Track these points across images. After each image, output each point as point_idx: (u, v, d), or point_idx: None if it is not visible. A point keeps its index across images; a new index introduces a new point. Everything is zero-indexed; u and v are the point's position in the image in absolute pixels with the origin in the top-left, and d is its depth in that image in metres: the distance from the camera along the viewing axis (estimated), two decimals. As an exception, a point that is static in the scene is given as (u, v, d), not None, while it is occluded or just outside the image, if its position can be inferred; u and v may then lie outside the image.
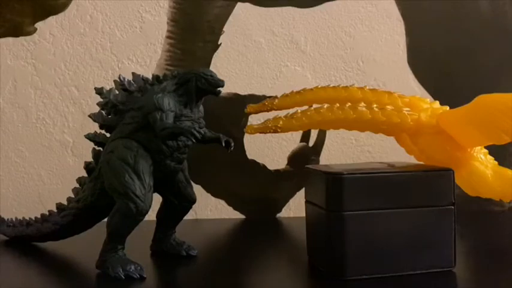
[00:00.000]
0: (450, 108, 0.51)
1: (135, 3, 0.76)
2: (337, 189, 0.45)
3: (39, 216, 0.58)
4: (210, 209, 0.77)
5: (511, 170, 0.52)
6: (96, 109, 0.52)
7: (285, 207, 0.78)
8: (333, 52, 0.78)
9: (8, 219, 0.62)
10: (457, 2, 0.78)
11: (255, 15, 0.77)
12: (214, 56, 0.76)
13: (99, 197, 0.52)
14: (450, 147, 0.49)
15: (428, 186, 0.46)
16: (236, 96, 0.76)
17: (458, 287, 0.45)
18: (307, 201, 0.51)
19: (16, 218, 0.61)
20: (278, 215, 0.78)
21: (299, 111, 0.50)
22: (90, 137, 0.53)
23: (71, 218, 0.55)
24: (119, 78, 0.51)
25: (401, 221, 0.46)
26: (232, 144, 0.52)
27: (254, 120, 0.73)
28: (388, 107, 0.50)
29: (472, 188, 0.52)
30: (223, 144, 0.51)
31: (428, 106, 0.50)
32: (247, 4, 0.77)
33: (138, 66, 0.75)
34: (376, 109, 0.49)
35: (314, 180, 0.49)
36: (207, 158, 0.72)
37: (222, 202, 0.77)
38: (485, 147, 0.52)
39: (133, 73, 0.52)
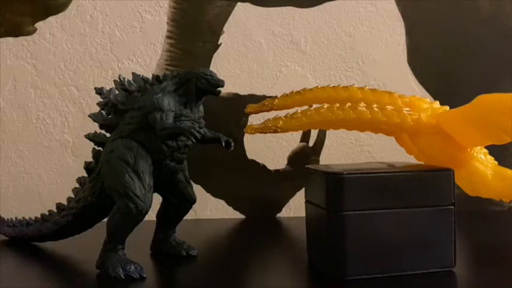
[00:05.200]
0: (450, 108, 0.51)
1: (135, 3, 0.76)
2: (337, 189, 0.45)
3: (39, 216, 0.58)
4: (210, 209, 0.77)
5: (511, 170, 0.52)
6: (96, 109, 0.52)
7: (285, 207, 0.78)
8: (333, 52, 0.78)
9: (8, 219, 0.62)
10: (457, 2, 0.78)
11: (255, 15, 0.77)
12: (214, 56, 0.76)
13: (99, 197, 0.52)
14: (450, 147, 0.49)
15: (428, 186, 0.46)
16: (236, 96, 0.76)
17: (458, 287, 0.45)
18: (307, 201, 0.51)
19: (16, 218, 0.61)
20: (278, 215, 0.78)
21: (299, 111, 0.50)
22: (90, 137, 0.53)
23: (71, 218, 0.55)
24: (119, 78, 0.51)
25: (401, 221, 0.46)
26: (232, 144, 0.52)
27: (254, 120, 0.73)
28: (388, 107, 0.50)
29: (472, 188, 0.52)
30: (223, 144, 0.51)
31: (428, 106, 0.50)
32: (247, 4, 0.77)
33: (138, 66, 0.75)
34: (376, 109, 0.49)
35: (314, 180, 0.49)
36: (207, 158, 0.72)
37: (222, 202, 0.77)
38: (485, 147, 0.52)
39: (133, 73, 0.52)
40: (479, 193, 0.52)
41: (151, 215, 0.52)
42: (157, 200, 0.52)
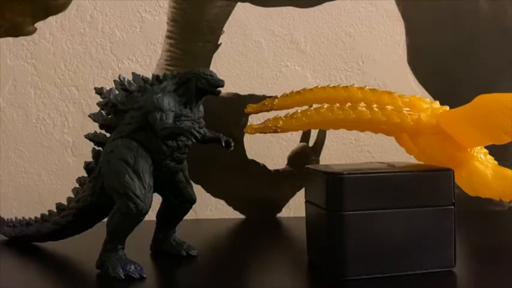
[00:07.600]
0: (450, 108, 0.51)
1: (135, 3, 0.76)
2: (337, 189, 0.45)
3: (39, 216, 0.58)
4: (210, 209, 0.77)
5: (511, 170, 0.52)
6: (96, 109, 0.52)
7: (285, 207, 0.78)
8: (333, 52, 0.78)
9: (8, 219, 0.62)
10: (457, 2, 0.78)
11: (255, 15, 0.77)
12: (214, 56, 0.76)
13: (99, 197, 0.52)
14: (450, 147, 0.49)
15: (428, 186, 0.46)
16: (236, 96, 0.76)
17: (458, 287, 0.45)
18: (307, 201, 0.51)
19: (16, 218, 0.61)
20: (278, 215, 0.78)
21: (299, 111, 0.50)
22: (90, 137, 0.53)
23: (71, 218, 0.55)
24: (119, 78, 0.51)
25: (401, 221, 0.46)
26: (232, 144, 0.52)
27: (254, 120, 0.73)
28: (388, 107, 0.50)
29: (472, 188, 0.52)
30: (223, 144, 0.51)
31: (428, 106, 0.50)
32: (247, 4, 0.77)
33: (138, 66, 0.75)
34: (376, 109, 0.49)
35: (314, 180, 0.49)
36: (207, 158, 0.72)
37: (222, 202, 0.77)
38: (485, 147, 0.52)
39: (133, 73, 0.52)
40: (479, 193, 0.52)
41: (151, 215, 0.52)
42: (157, 200, 0.52)
